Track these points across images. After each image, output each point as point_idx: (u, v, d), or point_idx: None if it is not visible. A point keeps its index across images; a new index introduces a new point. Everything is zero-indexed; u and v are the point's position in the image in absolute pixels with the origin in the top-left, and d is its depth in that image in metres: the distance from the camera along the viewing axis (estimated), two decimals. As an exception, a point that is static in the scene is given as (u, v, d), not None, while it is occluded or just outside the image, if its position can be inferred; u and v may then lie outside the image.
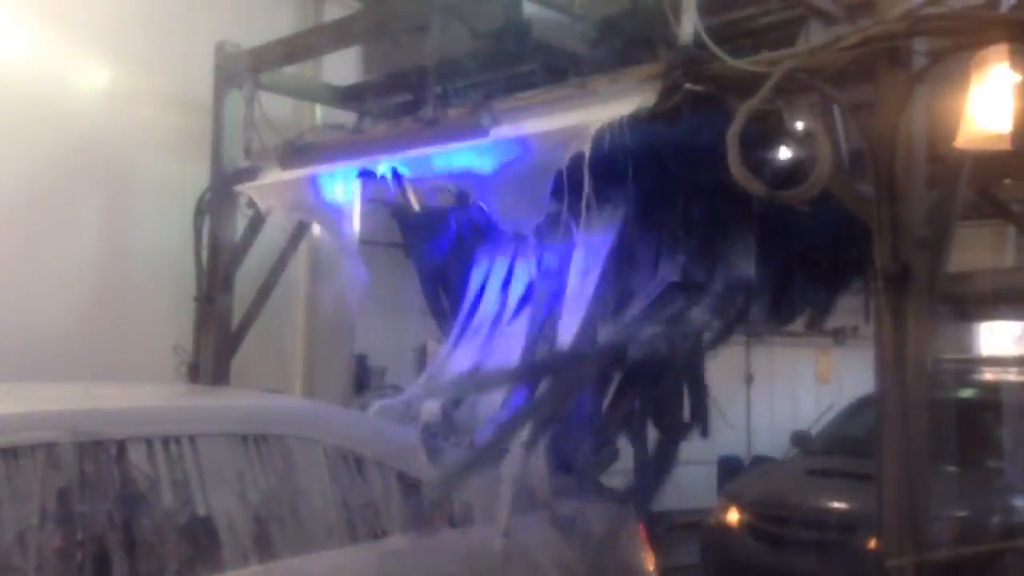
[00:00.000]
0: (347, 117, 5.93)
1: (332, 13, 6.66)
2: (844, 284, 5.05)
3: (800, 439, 7.52)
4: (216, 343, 5.53)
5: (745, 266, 4.26)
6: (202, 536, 2.76)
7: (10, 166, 5.39)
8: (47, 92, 5.58)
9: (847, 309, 5.48)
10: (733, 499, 6.69)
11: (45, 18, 5.57)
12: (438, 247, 5.69)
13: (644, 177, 4.16)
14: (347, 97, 5.82)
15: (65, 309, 5.56)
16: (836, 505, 5.97)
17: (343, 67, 6.48)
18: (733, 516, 6.53)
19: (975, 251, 6.23)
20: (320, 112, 6.45)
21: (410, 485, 3.24)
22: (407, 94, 5.62)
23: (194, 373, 5.56)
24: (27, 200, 5.49)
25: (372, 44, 6.12)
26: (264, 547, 2.86)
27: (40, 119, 5.51)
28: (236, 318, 5.65)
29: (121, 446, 2.72)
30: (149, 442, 2.77)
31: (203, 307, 5.57)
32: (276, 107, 5.83)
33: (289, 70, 5.87)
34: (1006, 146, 2.96)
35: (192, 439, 2.84)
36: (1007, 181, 4.92)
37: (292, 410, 3.50)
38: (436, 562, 3.18)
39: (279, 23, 6.39)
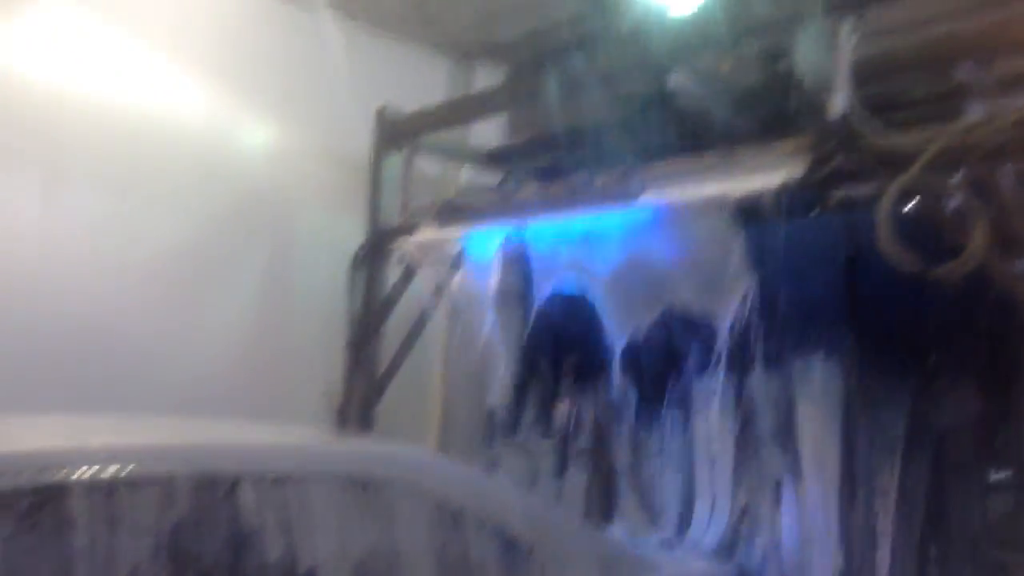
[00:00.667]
0: (492, 178, 6.23)
1: (481, 77, 7.03)
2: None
3: None
4: (363, 388, 5.84)
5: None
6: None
7: (185, 217, 5.88)
8: (218, 148, 6.05)
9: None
10: None
11: (216, 76, 6.04)
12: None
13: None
14: (495, 159, 6.11)
15: (228, 350, 5.97)
16: None
17: (489, 129, 6.80)
18: None
19: None
20: (466, 173, 6.78)
21: (508, 542, 3.09)
22: (550, 158, 5.87)
23: (343, 416, 5.88)
24: (197, 249, 5.94)
25: (517, 108, 6.40)
26: None
27: (211, 174, 5.97)
28: (382, 366, 5.95)
29: (234, 482, 2.68)
30: (260, 480, 2.72)
31: (353, 354, 5.90)
32: (425, 168, 6.19)
33: (440, 132, 6.20)
34: None
35: (302, 480, 2.79)
36: None
37: (397, 455, 3.34)
38: None
39: (432, 87, 6.78)
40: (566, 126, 5.65)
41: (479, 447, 7.11)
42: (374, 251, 5.85)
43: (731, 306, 4.13)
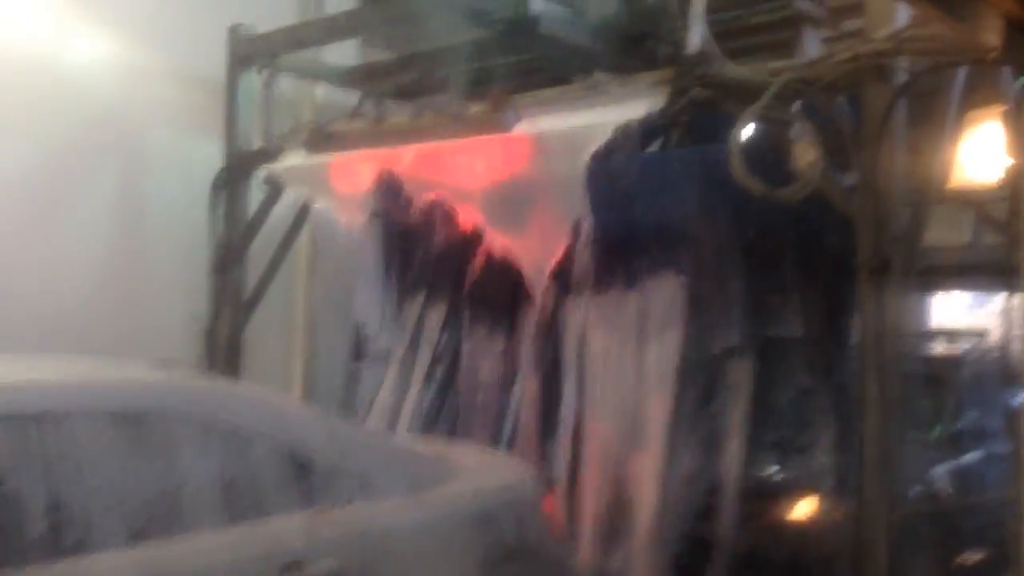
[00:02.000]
0: (349, 98, 6.21)
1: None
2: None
3: None
4: (230, 313, 5.84)
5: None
6: (63, 517, 2.56)
7: (28, 141, 5.55)
8: (63, 69, 5.70)
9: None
10: None
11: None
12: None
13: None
14: (355, 79, 6.08)
15: (82, 280, 5.77)
16: None
17: (342, 49, 6.71)
18: None
19: (935, 229, 6.74)
20: (321, 92, 6.70)
21: (302, 463, 3.01)
22: (409, 76, 5.91)
23: (210, 339, 5.87)
24: (45, 174, 5.66)
25: (379, 29, 6.34)
26: (131, 528, 2.66)
27: (57, 95, 5.64)
28: (247, 290, 5.95)
29: None
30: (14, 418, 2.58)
31: (218, 279, 5.86)
32: (280, 87, 6.08)
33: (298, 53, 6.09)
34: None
35: (61, 416, 2.64)
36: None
37: (178, 386, 3.16)
38: (318, 541, 2.92)
39: (285, 6, 6.60)
40: (425, 47, 5.70)
41: (344, 362, 7.28)
42: (235, 174, 5.77)
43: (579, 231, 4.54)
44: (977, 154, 3.84)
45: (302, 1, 6.84)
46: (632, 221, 4.78)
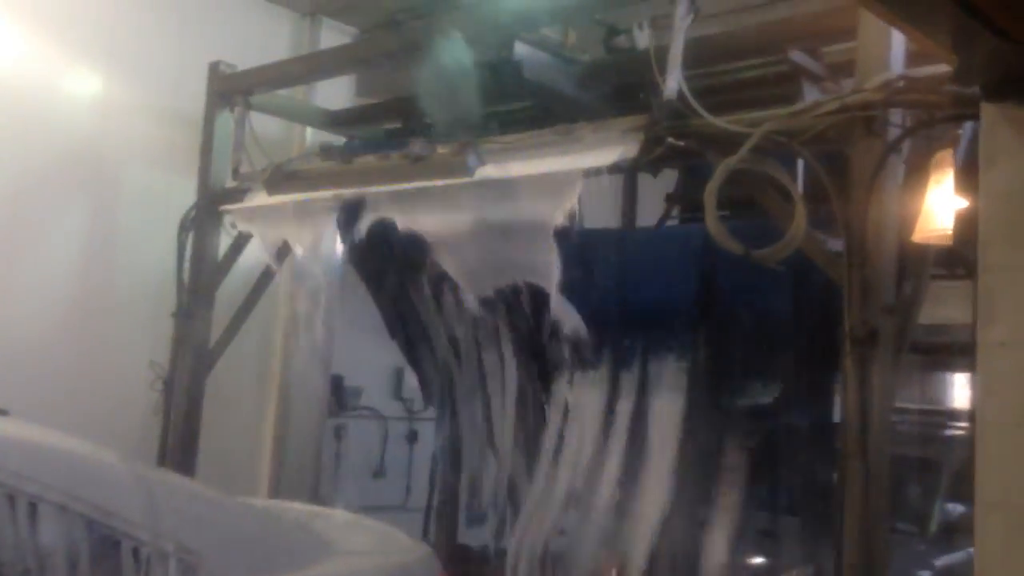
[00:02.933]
0: (337, 140, 5.99)
1: (328, 35, 6.75)
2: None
3: None
4: (193, 359, 5.55)
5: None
6: None
7: (0, 171, 5.41)
8: (37, 100, 5.60)
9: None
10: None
11: (38, 26, 5.60)
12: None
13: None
14: (338, 122, 5.89)
15: (45, 316, 5.56)
16: None
17: (336, 90, 6.55)
18: None
19: (949, 306, 6.34)
20: (311, 134, 6.52)
21: (102, 537, 2.51)
22: (397, 121, 5.71)
23: (169, 389, 5.58)
24: (12, 206, 5.50)
25: (361, 71, 6.19)
26: None
27: (29, 127, 5.52)
28: (214, 336, 5.67)
29: None
30: None
31: (182, 322, 5.59)
32: (267, 127, 5.89)
33: (282, 92, 5.92)
34: (948, 243, 3.17)
35: None
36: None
37: None
38: None
39: (274, 43, 6.47)
40: (413, 91, 5.50)
41: (323, 415, 6.96)
42: (204, 214, 5.54)
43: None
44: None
45: (295, 42, 6.72)
46: (615, 298, 4.49)
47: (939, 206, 3.09)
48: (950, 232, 3.12)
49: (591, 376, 4.35)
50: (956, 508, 5.48)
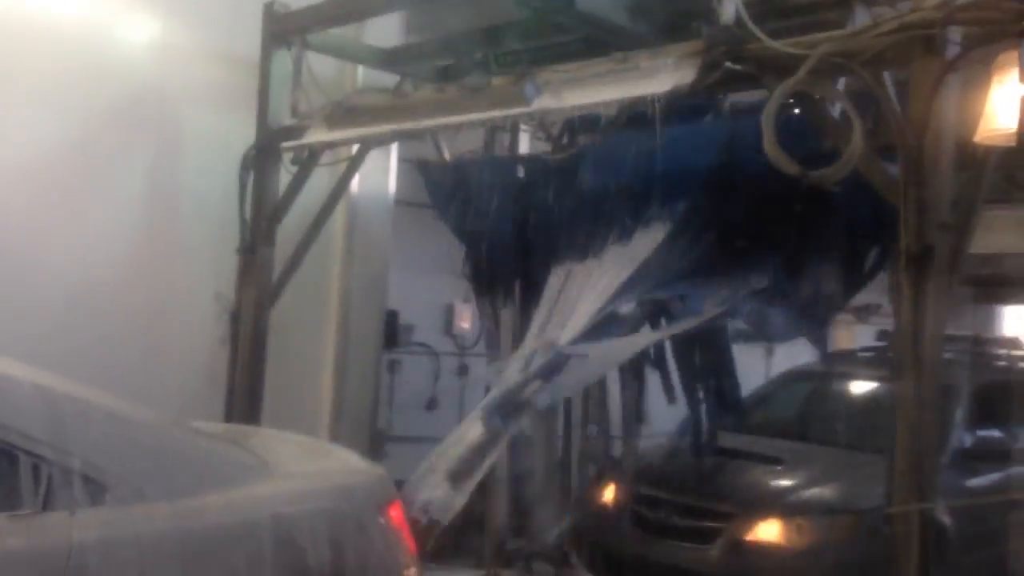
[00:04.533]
0: (389, 79, 6.08)
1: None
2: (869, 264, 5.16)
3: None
4: (257, 293, 5.74)
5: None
6: None
7: (64, 116, 5.56)
8: (96, 46, 5.72)
9: (871, 287, 5.61)
10: (614, 474, 5.98)
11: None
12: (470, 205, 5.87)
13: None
14: (391, 60, 5.95)
15: (114, 253, 5.77)
16: (718, 491, 5.38)
17: (385, 29, 6.60)
18: (609, 495, 5.80)
19: (1001, 233, 6.31)
20: (362, 73, 6.60)
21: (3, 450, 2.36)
22: (449, 59, 5.77)
23: (235, 321, 5.79)
24: (79, 149, 5.66)
25: (415, 7, 6.24)
26: None
27: (91, 72, 5.66)
28: (277, 270, 5.86)
29: None
30: None
31: (246, 258, 5.77)
32: (320, 67, 5.98)
33: (334, 31, 6.00)
34: (1013, 142, 3.17)
35: None
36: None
37: None
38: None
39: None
40: (465, 27, 5.55)
41: (379, 349, 7.18)
42: (264, 152, 5.68)
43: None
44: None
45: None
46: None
47: (1003, 105, 3.10)
48: (1015, 130, 3.13)
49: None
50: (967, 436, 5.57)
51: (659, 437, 6.46)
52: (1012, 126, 3.14)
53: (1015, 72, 3.08)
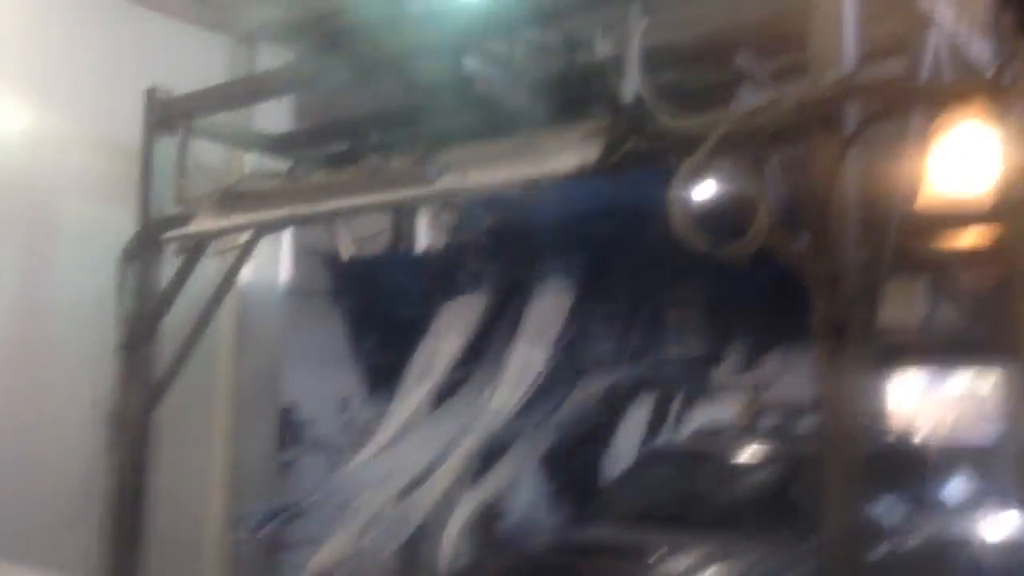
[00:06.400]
0: (279, 166, 5.87)
1: (263, 59, 6.62)
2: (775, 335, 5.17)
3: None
4: (139, 395, 5.33)
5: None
6: None
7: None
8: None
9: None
10: None
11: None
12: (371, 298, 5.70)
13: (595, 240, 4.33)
14: (281, 145, 5.78)
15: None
16: None
17: (274, 115, 6.43)
18: None
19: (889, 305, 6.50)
20: (250, 161, 6.38)
21: None
22: (342, 143, 5.62)
23: (115, 426, 5.34)
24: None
25: (304, 92, 6.10)
26: None
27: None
28: (160, 369, 5.46)
29: None
30: None
31: (126, 357, 5.37)
32: (205, 155, 5.73)
33: (221, 117, 5.79)
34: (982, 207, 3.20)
35: None
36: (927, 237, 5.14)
37: None
38: None
39: (209, 68, 6.31)
40: (358, 112, 5.43)
41: (275, 451, 6.77)
42: (147, 244, 5.35)
43: None
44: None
45: (232, 67, 6.59)
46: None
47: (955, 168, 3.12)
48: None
49: None
50: None
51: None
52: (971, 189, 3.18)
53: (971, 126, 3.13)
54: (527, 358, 4.37)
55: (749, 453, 5.63)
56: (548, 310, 4.43)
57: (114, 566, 5.21)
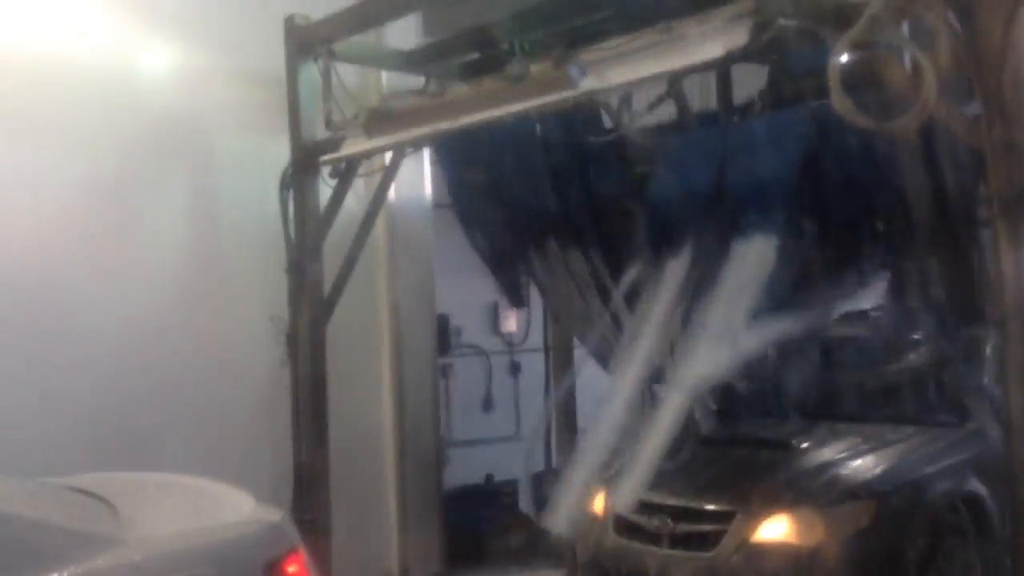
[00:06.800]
0: (412, 83, 5.96)
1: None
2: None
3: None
4: (310, 312, 5.66)
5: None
6: None
7: (93, 153, 5.48)
8: (122, 77, 5.66)
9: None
10: (606, 483, 5.22)
11: (112, 5, 5.65)
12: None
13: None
14: (416, 60, 5.82)
15: (160, 288, 5.71)
16: (714, 487, 4.82)
17: (404, 32, 6.48)
18: (599, 503, 5.15)
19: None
20: (386, 78, 6.49)
21: None
22: (474, 53, 5.63)
23: (292, 341, 5.72)
24: (114, 184, 5.60)
25: (433, 5, 6.11)
26: None
27: (117, 104, 5.59)
28: (327, 286, 5.77)
29: None
30: None
31: (295, 277, 5.70)
32: (345, 77, 5.87)
33: (356, 39, 5.88)
34: None
35: None
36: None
37: None
38: None
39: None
40: (483, 19, 5.40)
41: (434, 354, 7.09)
42: (302, 168, 5.59)
43: None
44: None
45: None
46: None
47: None
48: None
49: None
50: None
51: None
52: None
53: None
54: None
55: (899, 339, 5.56)
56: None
57: (303, 471, 5.64)
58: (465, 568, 6.79)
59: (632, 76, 3.88)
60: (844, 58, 3.26)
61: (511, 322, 8.71)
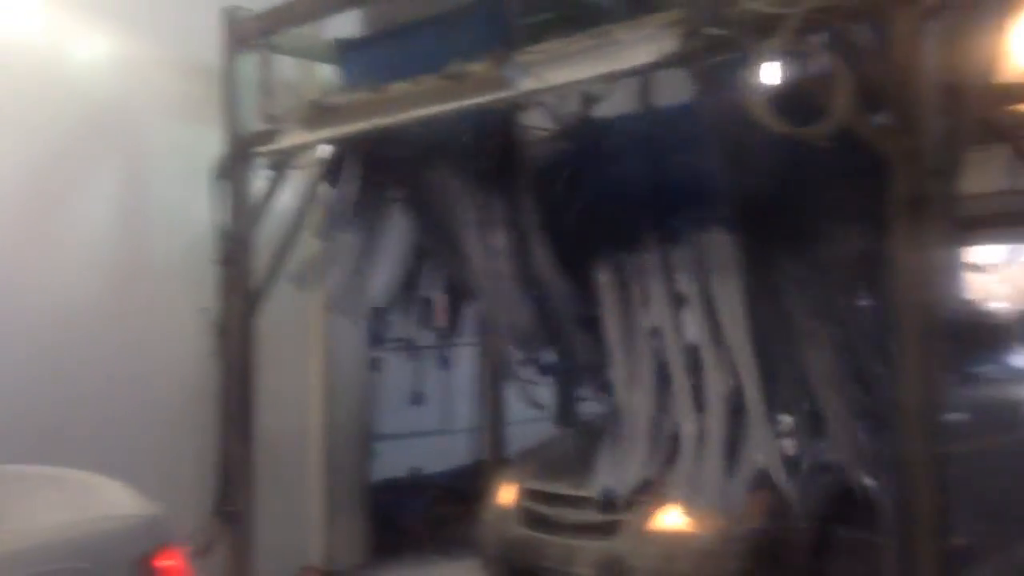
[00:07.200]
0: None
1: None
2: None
3: None
4: (240, 303, 5.67)
5: None
6: None
7: (22, 138, 5.39)
8: (55, 64, 5.58)
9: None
10: (514, 474, 5.58)
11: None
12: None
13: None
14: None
15: (91, 276, 5.64)
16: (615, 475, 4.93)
17: (344, 25, 6.51)
18: (508, 495, 5.40)
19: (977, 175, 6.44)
20: (325, 72, 6.51)
21: None
22: (411, 48, 5.70)
23: (221, 334, 5.71)
24: (41, 172, 5.51)
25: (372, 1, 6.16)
26: None
27: (50, 94, 5.50)
28: (257, 278, 5.77)
29: None
30: None
31: (225, 269, 5.69)
32: (281, 69, 5.89)
33: (295, 31, 5.90)
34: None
35: None
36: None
37: None
38: None
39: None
40: (425, 14, 5.49)
41: (365, 348, 7.12)
42: (237, 160, 5.59)
43: None
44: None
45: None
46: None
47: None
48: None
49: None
50: None
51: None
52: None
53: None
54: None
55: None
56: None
57: (227, 462, 5.63)
58: (389, 559, 6.84)
59: (568, 78, 4.02)
60: (764, 66, 3.47)
61: (443, 316, 8.75)
